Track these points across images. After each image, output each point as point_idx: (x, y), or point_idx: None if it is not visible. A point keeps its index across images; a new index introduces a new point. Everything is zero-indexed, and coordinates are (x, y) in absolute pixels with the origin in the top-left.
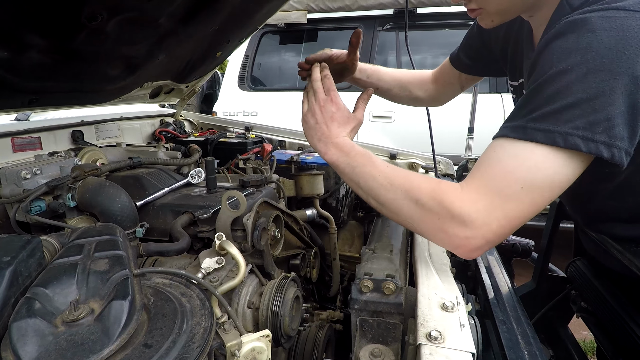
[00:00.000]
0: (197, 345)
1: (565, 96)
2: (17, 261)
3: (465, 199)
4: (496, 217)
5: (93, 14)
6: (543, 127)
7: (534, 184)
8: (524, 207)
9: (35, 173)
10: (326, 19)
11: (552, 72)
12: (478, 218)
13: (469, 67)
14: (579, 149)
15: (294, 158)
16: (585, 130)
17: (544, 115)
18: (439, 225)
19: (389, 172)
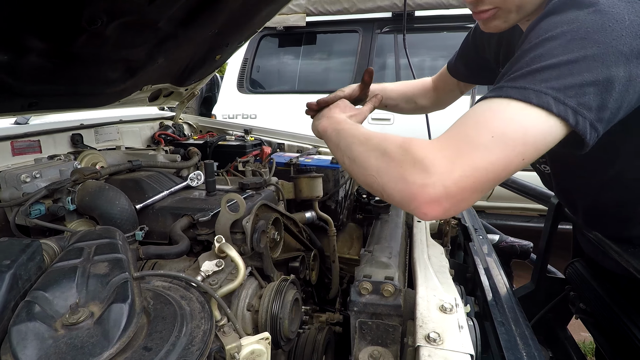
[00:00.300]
0: (197, 348)
1: (546, 59)
2: (17, 265)
3: (431, 147)
4: (460, 165)
5: (93, 17)
6: (519, 85)
7: (505, 133)
8: (493, 157)
9: (35, 176)
10: (325, 22)
11: (538, 40)
12: (441, 164)
13: (467, 76)
14: (550, 108)
15: (293, 161)
16: (558, 91)
17: (522, 74)
18: (400, 173)
19: (369, 132)
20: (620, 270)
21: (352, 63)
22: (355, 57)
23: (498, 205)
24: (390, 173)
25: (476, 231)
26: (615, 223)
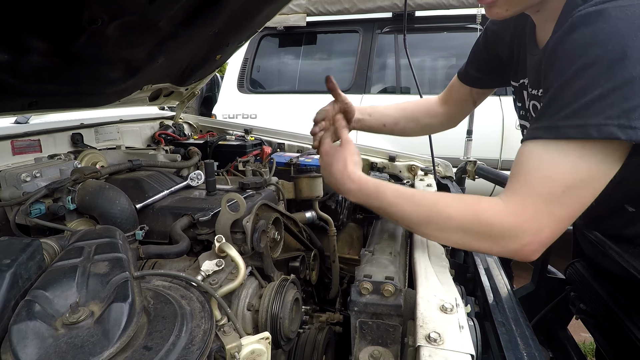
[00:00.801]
0: (197, 347)
1: (593, 89)
2: (17, 264)
3: (510, 214)
4: (547, 224)
5: (93, 17)
6: (575, 123)
7: (574, 184)
8: (571, 208)
9: (35, 176)
10: (325, 22)
11: (574, 68)
12: (529, 228)
13: (480, 80)
14: (616, 137)
15: (293, 160)
16: (620, 118)
17: (574, 111)
18: (493, 245)
19: (421, 208)
20: (620, 270)
21: (353, 63)
22: (355, 57)
23: None
24: (482, 245)
25: None
26: (615, 222)
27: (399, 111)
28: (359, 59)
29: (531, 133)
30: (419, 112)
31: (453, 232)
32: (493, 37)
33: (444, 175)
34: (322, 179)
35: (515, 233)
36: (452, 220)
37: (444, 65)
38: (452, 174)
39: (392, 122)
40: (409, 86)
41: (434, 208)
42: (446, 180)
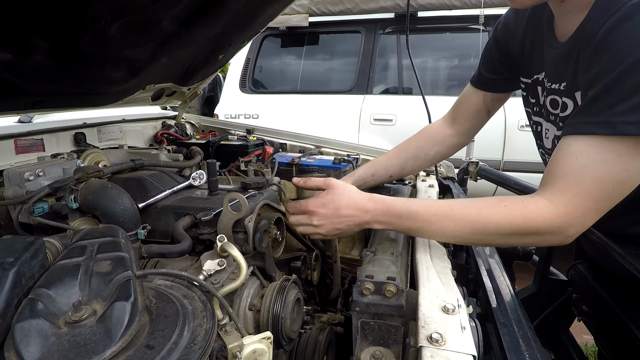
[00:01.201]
0: (199, 346)
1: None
2: (21, 262)
3: (560, 215)
4: (591, 218)
5: (97, 16)
6: (634, 119)
7: (625, 182)
8: (616, 201)
9: (38, 175)
10: (328, 22)
11: (632, 59)
12: (577, 224)
13: (493, 82)
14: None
15: (295, 161)
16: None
17: (633, 106)
18: (538, 240)
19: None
20: (623, 272)
21: (355, 63)
22: (357, 57)
23: None
24: (530, 242)
25: None
26: (624, 220)
27: (402, 154)
28: (361, 60)
29: (579, 127)
30: (425, 145)
31: (500, 237)
32: (503, 35)
33: (445, 176)
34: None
35: (563, 230)
36: (501, 228)
37: (446, 65)
38: (454, 174)
39: (399, 170)
40: (411, 87)
41: (478, 221)
42: (448, 181)
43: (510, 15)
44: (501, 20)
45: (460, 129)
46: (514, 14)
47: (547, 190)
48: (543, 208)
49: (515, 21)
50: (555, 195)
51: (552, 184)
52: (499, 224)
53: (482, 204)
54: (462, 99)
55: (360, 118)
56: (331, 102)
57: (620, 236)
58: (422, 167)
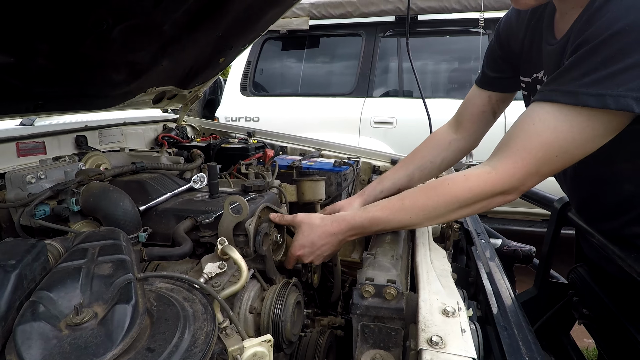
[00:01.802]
0: (200, 349)
1: (620, 60)
2: (22, 265)
3: (501, 178)
4: (532, 180)
5: (99, 20)
6: (596, 92)
7: (568, 151)
8: (557, 167)
9: (40, 177)
10: (328, 26)
11: (608, 32)
12: (516, 186)
13: (497, 80)
14: (631, 109)
15: (295, 163)
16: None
17: (597, 79)
18: (490, 204)
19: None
20: (623, 275)
21: (355, 67)
22: (358, 60)
23: (500, 210)
24: (480, 207)
25: (478, 235)
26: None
27: (408, 165)
28: (361, 63)
29: (546, 94)
30: (430, 153)
31: (453, 212)
32: (505, 33)
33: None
34: (324, 182)
35: (506, 192)
36: (450, 205)
37: (446, 68)
38: None
39: (406, 181)
40: (411, 90)
41: (427, 205)
42: None
43: (512, 14)
44: (503, 19)
45: (466, 132)
46: (516, 13)
47: (495, 156)
48: (484, 175)
49: (517, 20)
50: (500, 161)
51: (502, 148)
52: (447, 202)
53: (429, 188)
54: (466, 102)
55: (361, 121)
56: (332, 105)
57: (617, 236)
58: (430, 175)
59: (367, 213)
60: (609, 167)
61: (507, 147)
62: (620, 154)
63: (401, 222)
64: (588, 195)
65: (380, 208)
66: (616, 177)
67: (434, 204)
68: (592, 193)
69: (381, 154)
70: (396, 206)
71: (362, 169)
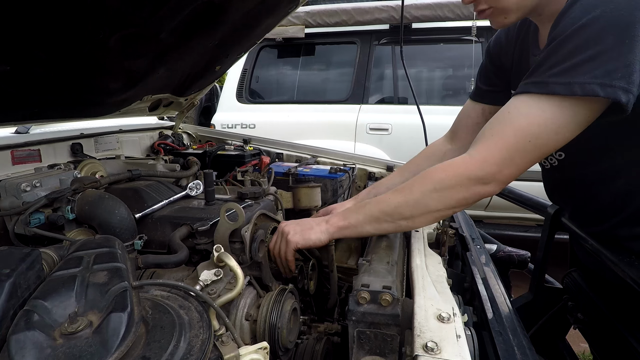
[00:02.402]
0: (195, 357)
1: (585, 50)
2: (17, 273)
3: (475, 163)
4: (507, 168)
5: (96, 29)
6: (564, 80)
7: (540, 136)
8: (530, 156)
9: (35, 185)
10: (323, 34)
11: (573, 27)
12: (492, 172)
13: (489, 93)
14: (596, 94)
15: (291, 170)
16: (603, 77)
17: (565, 69)
18: (465, 192)
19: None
20: (617, 280)
21: (351, 74)
22: (353, 68)
23: (496, 215)
24: (457, 197)
25: (474, 241)
26: (611, 221)
27: (403, 173)
28: (356, 70)
29: (521, 87)
30: (425, 163)
31: (429, 197)
32: (496, 51)
33: None
34: (320, 189)
35: (483, 178)
36: (425, 186)
37: (440, 76)
38: None
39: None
40: (406, 96)
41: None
42: None
43: (501, 34)
44: (492, 38)
45: (461, 143)
46: (505, 32)
47: (473, 144)
48: (459, 160)
49: (506, 38)
50: (475, 147)
51: (478, 137)
52: (422, 184)
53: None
54: (461, 115)
55: (357, 127)
56: (327, 112)
57: (609, 239)
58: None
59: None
60: (597, 166)
61: (482, 135)
62: (609, 150)
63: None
64: (578, 201)
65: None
66: (605, 176)
67: (410, 187)
68: (582, 197)
69: (377, 161)
70: (384, 194)
71: (358, 175)
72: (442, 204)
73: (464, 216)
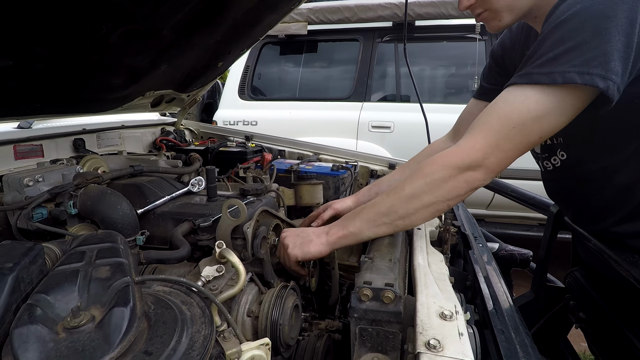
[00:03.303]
0: (197, 352)
1: (565, 42)
2: (20, 267)
3: (464, 149)
4: (494, 154)
5: (98, 25)
6: (546, 70)
7: (525, 123)
8: (517, 143)
9: (38, 180)
10: (326, 31)
11: (557, 22)
12: (479, 158)
13: (493, 91)
14: (574, 81)
15: (293, 167)
16: (582, 66)
17: (547, 60)
18: (458, 182)
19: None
20: (619, 279)
21: (353, 71)
22: (356, 65)
23: (497, 214)
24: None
25: (476, 239)
26: (611, 219)
27: (404, 170)
28: (359, 67)
29: (511, 80)
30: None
31: (423, 193)
32: (500, 51)
33: None
34: (322, 186)
35: (471, 164)
36: (415, 179)
37: (443, 74)
38: None
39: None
40: (408, 94)
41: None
42: None
43: (505, 36)
44: (498, 40)
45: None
46: (509, 33)
47: (463, 137)
48: (449, 152)
49: (510, 40)
50: (464, 138)
51: (468, 129)
52: (412, 177)
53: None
54: (464, 113)
55: (359, 125)
56: (329, 110)
57: (610, 238)
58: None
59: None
60: (599, 163)
61: (470, 127)
62: (611, 146)
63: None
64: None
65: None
66: (607, 172)
67: (402, 185)
68: (584, 195)
69: (379, 158)
70: (379, 197)
71: (360, 173)
72: (434, 196)
73: (466, 214)
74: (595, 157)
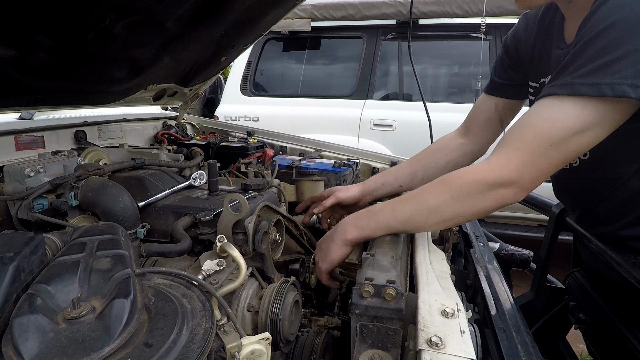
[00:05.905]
0: (198, 345)
1: (613, 50)
2: (20, 257)
3: (494, 169)
4: (529, 172)
5: (101, 15)
6: (591, 81)
7: (564, 139)
8: (553, 160)
9: (39, 171)
10: (330, 27)
11: (601, 27)
12: (513, 177)
13: (504, 86)
14: (626, 95)
15: (295, 163)
16: (634, 78)
17: (592, 70)
18: (484, 199)
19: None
20: (620, 280)
21: (356, 69)
22: (359, 63)
23: (497, 214)
24: (476, 204)
25: (477, 238)
26: (617, 223)
27: (413, 164)
28: (362, 65)
29: (547, 90)
30: (435, 155)
31: (446, 205)
32: (513, 45)
33: None
34: (323, 183)
35: (503, 182)
36: (442, 194)
37: (446, 72)
38: None
39: (409, 179)
40: (411, 93)
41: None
42: None
43: (520, 25)
44: (510, 32)
45: (473, 137)
46: (524, 22)
47: (494, 151)
48: (478, 166)
49: (525, 29)
50: (496, 154)
51: (499, 143)
52: (438, 191)
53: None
54: (474, 109)
55: (361, 123)
56: (331, 107)
57: (613, 240)
58: (433, 176)
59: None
60: (620, 169)
61: (503, 141)
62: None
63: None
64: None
65: (385, 202)
66: (623, 178)
67: (427, 194)
68: (595, 198)
69: (381, 156)
70: (397, 200)
71: (361, 170)
72: (457, 212)
73: None
74: (615, 163)
